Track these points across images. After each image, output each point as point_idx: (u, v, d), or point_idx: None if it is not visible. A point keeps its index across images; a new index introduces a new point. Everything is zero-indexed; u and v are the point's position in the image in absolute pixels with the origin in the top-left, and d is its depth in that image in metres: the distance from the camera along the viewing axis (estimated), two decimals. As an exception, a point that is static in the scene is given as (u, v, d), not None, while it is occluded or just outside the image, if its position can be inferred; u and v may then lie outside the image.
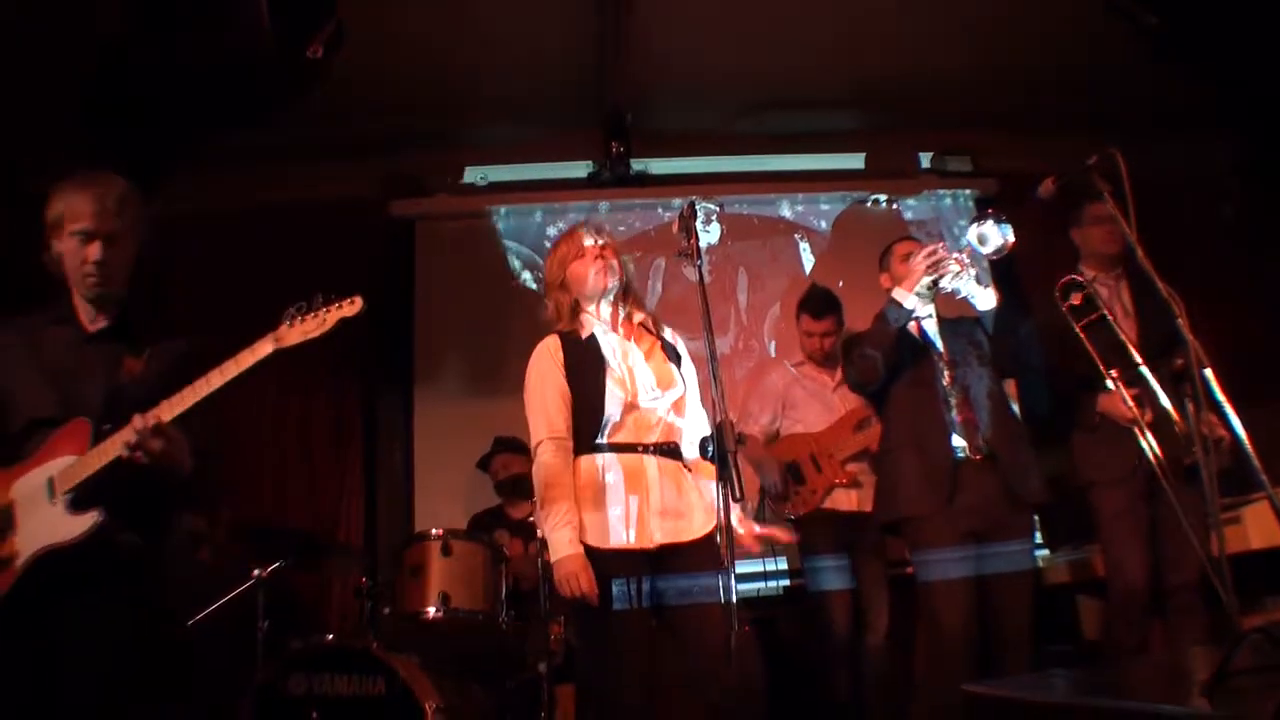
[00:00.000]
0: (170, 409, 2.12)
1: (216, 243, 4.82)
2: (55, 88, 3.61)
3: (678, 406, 2.66)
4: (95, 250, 2.27)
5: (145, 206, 2.37)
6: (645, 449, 2.57)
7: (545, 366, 2.63)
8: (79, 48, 3.35)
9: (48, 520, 2.12)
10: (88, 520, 2.09)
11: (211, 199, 4.88)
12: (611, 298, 2.70)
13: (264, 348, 2.14)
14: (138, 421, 2.07)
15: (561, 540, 2.44)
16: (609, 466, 2.54)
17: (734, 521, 2.38)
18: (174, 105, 3.44)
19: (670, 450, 2.60)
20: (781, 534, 2.83)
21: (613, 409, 2.55)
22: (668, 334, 2.79)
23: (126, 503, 2.14)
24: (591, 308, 2.71)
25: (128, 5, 3.22)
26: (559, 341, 2.66)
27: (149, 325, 2.39)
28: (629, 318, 2.75)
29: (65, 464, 2.14)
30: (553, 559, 2.47)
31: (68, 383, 2.25)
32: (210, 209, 4.91)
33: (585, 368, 2.60)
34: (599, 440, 2.56)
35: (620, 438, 2.56)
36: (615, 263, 2.69)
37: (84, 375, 2.26)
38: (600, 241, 2.71)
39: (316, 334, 2.13)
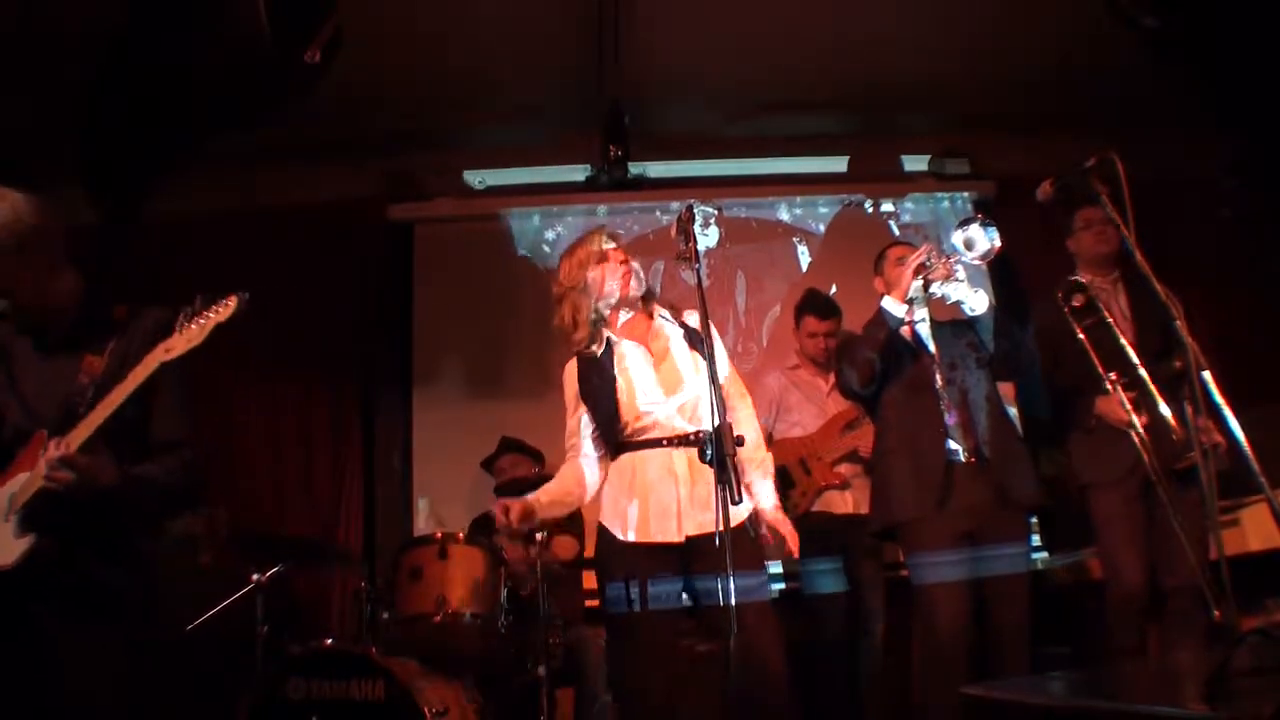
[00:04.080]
0: (77, 437, 1.99)
1: (214, 245, 4.80)
2: (53, 89, 3.61)
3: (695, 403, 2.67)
4: None
5: (45, 213, 2.11)
6: (671, 443, 2.60)
7: (567, 391, 2.78)
8: (78, 49, 3.35)
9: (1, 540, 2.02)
10: (23, 544, 1.98)
11: (210, 201, 4.88)
12: (629, 305, 2.76)
13: (154, 360, 2.03)
14: (51, 450, 1.96)
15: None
16: (636, 462, 2.62)
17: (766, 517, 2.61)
18: (172, 107, 3.44)
19: (693, 442, 2.58)
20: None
21: (628, 416, 2.64)
22: (692, 319, 2.80)
23: (91, 520, 2.02)
24: (608, 314, 2.76)
25: (127, 7, 3.23)
26: (574, 366, 2.77)
27: (108, 322, 2.22)
28: (648, 316, 2.80)
29: (22, 481, 2.04)
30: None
31: (31, 393, 2.14)
32: (208, 211, 4.91)
33: (600, 386, 2.69)
34: (625, 439, 2.65)
35: (646, 436, 2.63)
36: (638, 269, 2.74)
37: (44, 386, 2.14)
38: (615, 246, 2.78)
39: (199, 341, 2.01)
